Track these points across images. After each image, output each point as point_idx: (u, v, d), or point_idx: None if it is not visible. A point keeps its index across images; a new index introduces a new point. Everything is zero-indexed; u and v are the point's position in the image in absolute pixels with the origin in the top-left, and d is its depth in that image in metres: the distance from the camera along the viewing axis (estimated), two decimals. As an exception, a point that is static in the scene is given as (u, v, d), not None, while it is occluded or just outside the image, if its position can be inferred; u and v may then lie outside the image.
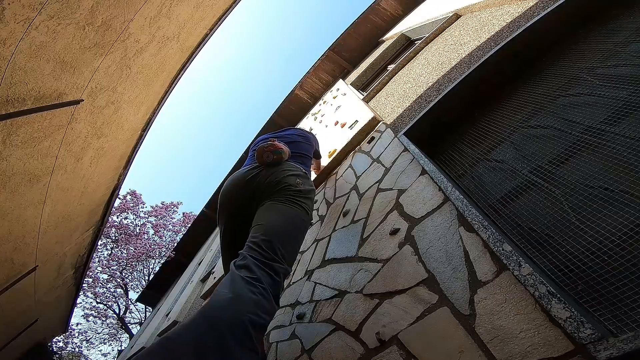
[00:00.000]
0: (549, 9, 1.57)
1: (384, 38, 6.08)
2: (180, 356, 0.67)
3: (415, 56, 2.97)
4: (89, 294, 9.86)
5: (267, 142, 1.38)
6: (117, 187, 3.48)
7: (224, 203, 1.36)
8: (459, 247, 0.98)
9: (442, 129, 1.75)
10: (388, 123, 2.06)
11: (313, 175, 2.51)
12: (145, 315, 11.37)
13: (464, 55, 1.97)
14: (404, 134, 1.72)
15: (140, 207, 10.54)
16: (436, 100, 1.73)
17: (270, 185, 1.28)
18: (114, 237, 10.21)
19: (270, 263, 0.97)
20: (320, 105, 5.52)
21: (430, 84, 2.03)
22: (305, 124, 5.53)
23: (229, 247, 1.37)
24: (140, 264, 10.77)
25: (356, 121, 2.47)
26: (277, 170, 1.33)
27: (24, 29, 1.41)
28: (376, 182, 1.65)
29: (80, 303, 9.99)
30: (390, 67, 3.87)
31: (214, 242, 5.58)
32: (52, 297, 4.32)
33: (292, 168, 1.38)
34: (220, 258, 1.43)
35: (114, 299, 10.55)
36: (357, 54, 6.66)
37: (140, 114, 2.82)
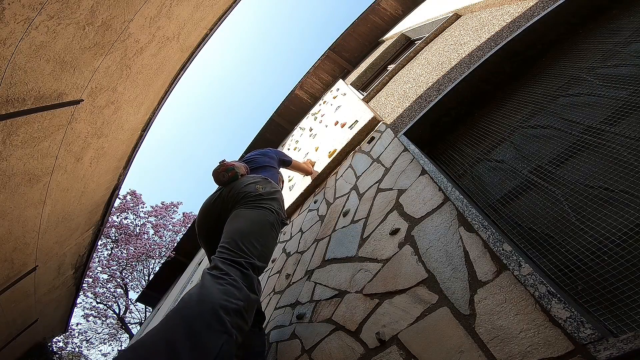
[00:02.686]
0: (549, 9, 1.57)
1: (384, 38, 6.08)
2: (152, 352, 0.69)
3: (415, 56, 2.97)
4: (89, 294, 9.86)
5: (218, 164, 1.49)
6: (117, 187, 3.48)
7: (199, 227, 1.49)
8: (459, 247, 0.98)
9: (442, 129, 1.75)
10: (388, 123, 2.06)
11: (308, 179, 2.52)
12: (145, 315, 11.37)
13: (464, 55, 1.97)
14: (404, 134, 1.72)
15: (140, 207, 10.54)
16: (436, 100, 1.73)
17: (232, 198, 1.38)
18: (114, 237, 10.21)
19: (237, 259, 1.04)
20: (320, 105, 5.52)
21: (430, 84, 2.03)
22: (305, 124, 5.54)
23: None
24: (140, 264, 10.77)
25: (356, 121, 2.47)
26: (236, 185, 1.42)
27: (24, 29, 1.41)
28: (376, 182, 1.65)
29: (80, 303, 9.99)
30: (390, 67, 3.87)
31: (214, 242, 5.57)
32: (52, 297, 4.32)
33: (250, 179, 1.46)
34: None
35: (114, 299, 10.54)
36: (357, 54, 6.66)
37: (140, 114, 2.82)
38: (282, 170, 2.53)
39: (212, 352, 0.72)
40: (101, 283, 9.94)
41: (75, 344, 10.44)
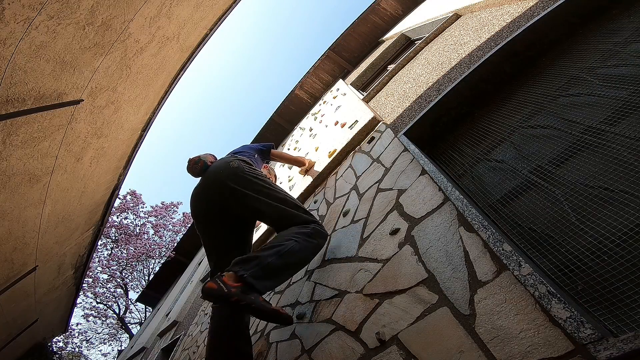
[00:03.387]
0: (549, 9, 1.57)
1: (384, 38, 6.09)
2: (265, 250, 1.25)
3: (415, 56, 2.97)
4: (89, 294, 9.86)
5: (187, 161, 1.65)
6: (117, 187, 3.48)
7: (194, 215, 1.60)
8: (459, 247, 0.98)
9: (442, 128, 1.75)
10: (388, 123, 2.06)
11: (308, 179, 2.53)
12: (145, 315, 11.38)
13: (464, 55, 1.97)
14: (404, 134, 1.72)
15: (140, 207, 10.54)
16: (436, 100, 1.73)
17: (214, 183, 1.50)
18: (114, 237, 10.21)
19: (301, 228, 1.37)
20: (320, 105, 5.52)
21: (430, 84, 2.03)
22: (305, 124, 5.54)
23: (216, 247, 1.57)
24: (140, 264, 10.78)
25: (356, 121, 2.47)
26: (210, 172, 1.55)
27: (24, 29, 1.41)
28: (376, 182, 1.65)
29: (80, 303, 10.00)
30: (390, 67, 3.87)
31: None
32: (52, 297, 4.32)
33: (221, 162, 1.57)
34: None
35: (114, 299, 10.55)
36: (357, 54, 6.66)
37: (140, 114, 2.82)
38: (284, 170, 2.56)
39: (286, 247, 1.26)
40: (101, 283, 9.94)
41: (75, 344, 10.45)
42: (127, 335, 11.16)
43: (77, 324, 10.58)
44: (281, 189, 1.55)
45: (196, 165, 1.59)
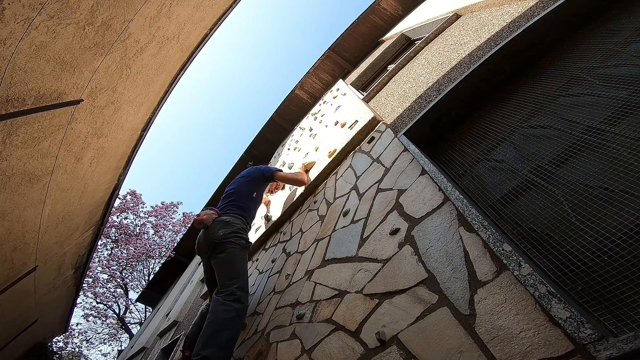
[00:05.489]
0: (549, 9, 1.57)
1: (384, 38, 6.08)
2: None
3: (415, 56, 2.97)
4: (89, 294, 9.85)
5: (196, 217, 2.08)
6: (117, 187, 3.48)
7: (198, 253, 2.17)
8: (459, 247, 0.98)
9: (442, 129, 1.75)
10: (388, 123, 2.06)
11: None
12: (145, 315, 11.38)
13: (464, 55, 1.97)
14: (404, 134, 1.72)
15: (140, 207, 10.53)
16: (436, 100, 1.73)
17: (209, 239, 1.98)
18: (114, 237, 10.20)
19: (229, 293, 1.72)
20: (320, 105, 5.52)
21: (430, 84, 2.03)
22: (305, 124, 5.54)
23: (208, 281, 2.17)
24: (140, 264, 10.77)
25: (356, 121, 2.47)
26: (209, 232, 2.00)
27: (24, 29, 1.41)
28: (376, 182, 1.65)
29: (80, 303, 9.99)
30: (390, 67, 3.86)
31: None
32: (52, 297, 4.32)
33: (218, 224, 2.02)
34: None
35: (114, 299, 10.54)
36: (357, 54, 6.66)
37: (140, 114, 2.82)
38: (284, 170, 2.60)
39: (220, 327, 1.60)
40: (101, 283, 9.93)
41: (75, 344, 10.44)
42: (127, 335, 11.15)
43: (77, 324, 10.57)
44: (244, 262, 1.95)
45: (200, 225, 2.05)
